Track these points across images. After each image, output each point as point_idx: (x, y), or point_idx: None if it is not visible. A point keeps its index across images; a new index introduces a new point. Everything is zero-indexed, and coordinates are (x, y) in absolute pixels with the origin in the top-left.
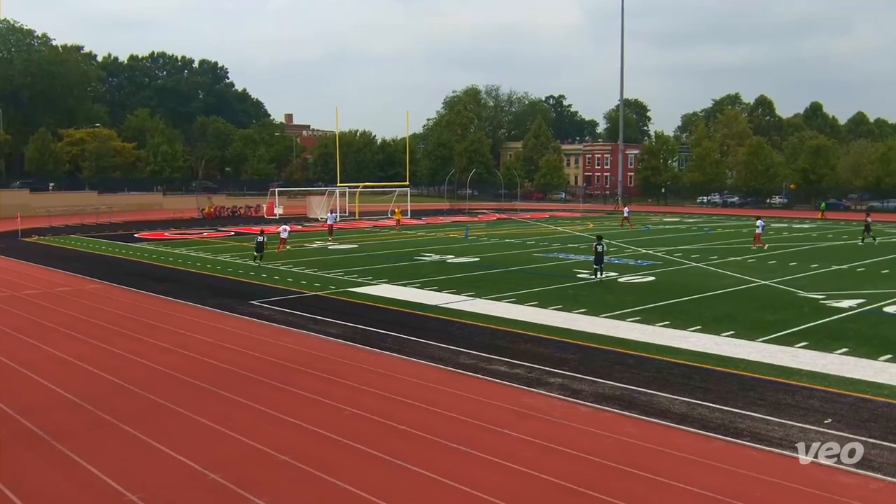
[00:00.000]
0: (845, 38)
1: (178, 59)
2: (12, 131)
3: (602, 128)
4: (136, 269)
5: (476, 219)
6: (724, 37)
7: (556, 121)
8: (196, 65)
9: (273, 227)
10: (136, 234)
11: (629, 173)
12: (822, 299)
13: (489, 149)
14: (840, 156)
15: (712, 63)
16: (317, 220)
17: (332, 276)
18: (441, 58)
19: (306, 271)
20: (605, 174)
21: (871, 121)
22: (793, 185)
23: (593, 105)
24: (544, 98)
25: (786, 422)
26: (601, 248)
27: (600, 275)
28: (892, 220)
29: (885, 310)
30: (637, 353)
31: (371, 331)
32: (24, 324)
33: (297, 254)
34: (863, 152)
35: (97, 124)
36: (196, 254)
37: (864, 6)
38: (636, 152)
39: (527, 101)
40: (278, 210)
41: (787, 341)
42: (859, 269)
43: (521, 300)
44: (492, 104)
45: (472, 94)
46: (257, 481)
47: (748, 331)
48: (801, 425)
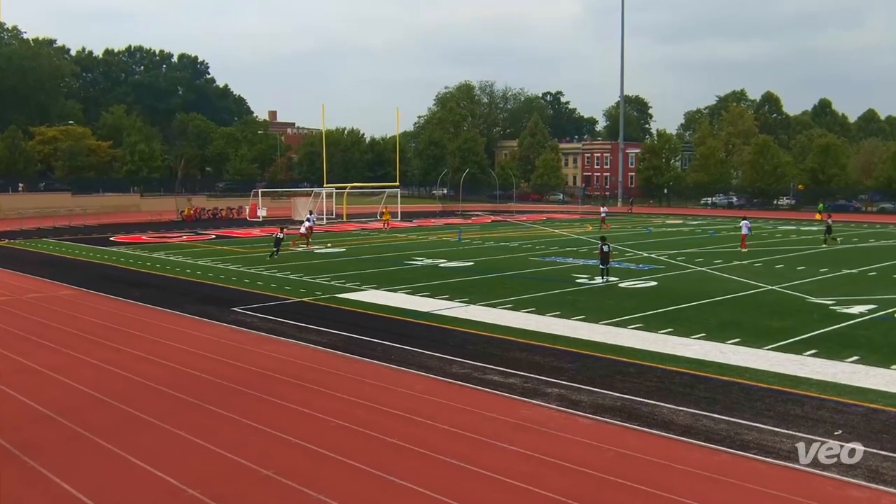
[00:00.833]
0: (856, 33)
1: (156, 53)
2: None
3: (602, 126)
4: (111, 274)
5: (470, 221)
6: (728, 31)
7: (553, 118)
8: (175, 59)
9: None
10: (111, 238)
11: (630, 173)
12: (832, 305)
13: (483, 148)
14: (850, 155)
15: (716, 58)
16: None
17: (318, 281)
18: (433, 52)
19: (291, 276)
20: (605, 174)
21: (882, 118)
22: (801, 186)
23: (592, 102)
24: (541, 94)
25: (794, 433)
26: (607, 249)
27: (606, 276)
28: None
29: None
30: (638, 362)
31: (359, 339)
32: None
33: (282, 258)
34: (874, 151)
35: (70, 122)
36: (175, 258)
37: None
38: (637, 151)
39: (523, 98)
40: (261, 212)
41: (796, 349)
42: (871, 274)
43: (516, 306)
44: (486, 101)
45: (465, 91)
46: (240, 497)
47: (754, 338)
48: (810, 437)
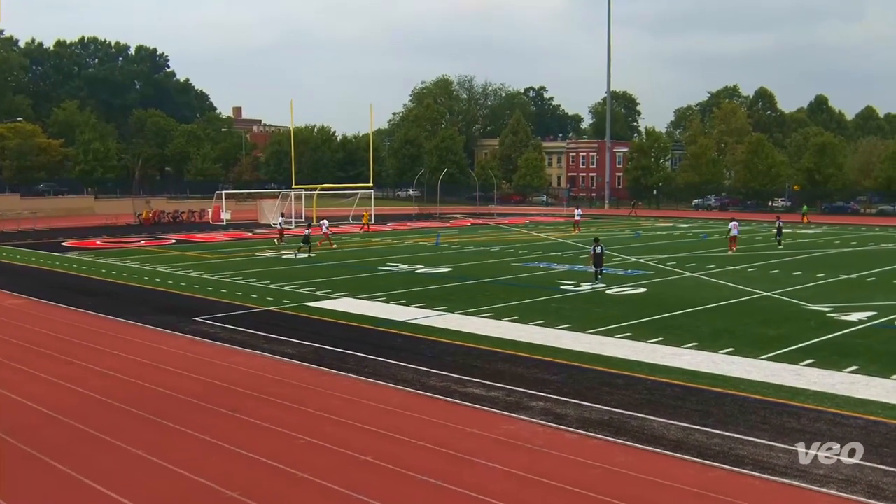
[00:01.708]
0: (856, 26)
1: (112, 44)
2: None
3: (587, 123)
4: (63, 282)
5: (448, 224)
6: (721, 23)
7: (536, 115)
8: (132, 51)
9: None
10: (63, 243)
11: (617, 173)
12: (830, 312)
13: (462, 146)
14: (847, 154)
15: (708, 52)
16: (269, 226)
17: (286, 288)
18: (409, 44)
19: (257, 284)
20: (591, 174)
21: (881, 116)
22: (796, 187)
23: (578, 98)
24: (523, 90)
25: (791, 448)
26: (599, 250)
27: (599, 277)
28: None
29: None
30: (627, 373)
31: (330, 350)
32: None
33: (248, 263)
34: (872, 150)
35: (19, 119)
36: (133, 265)
37: None
38: (625, 150)
39: (504, 94)
40: (225, 215)
41: (792, 359)
42: (869, 279)
43: (498, 315)
44: (465, 97)
45: (443, 86)
46: None
47: (749, 347)
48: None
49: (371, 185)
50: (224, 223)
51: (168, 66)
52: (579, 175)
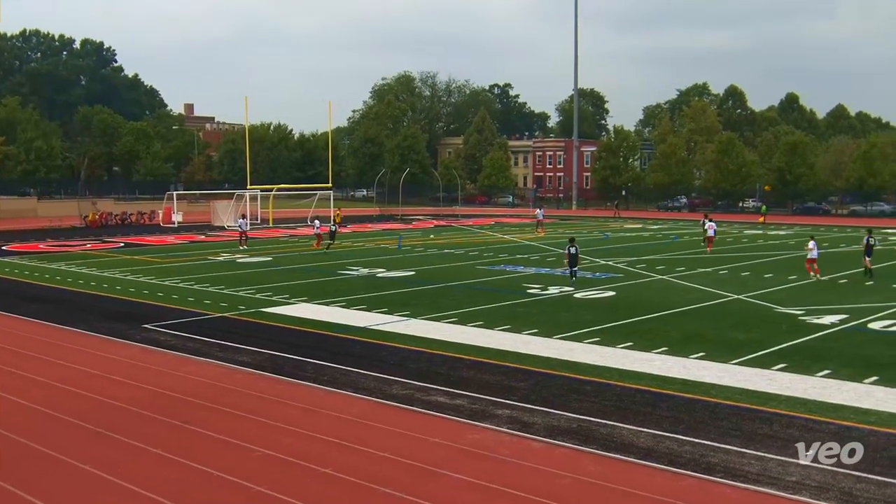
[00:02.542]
0: (827, 23)
1: (56, 38)
2: None
3: (554, 121)
4: (4, 288)
5: (411, 226)
6: (691, 19)
7: (501, 113)
8: (77, 45)
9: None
10: (4, 247)
11: (585, 173)
12: (802, 315)
13: (425, 145)
14: (819, 154)
15: (678, 49)
16: (224, 228)
17: (241, 294)
18: (369, 39)
19: (211, 289)
20: (558, 174)
21: (853, 114)
22: (767, 187)
23: (544, 95)
24: (488, 87)
25: (763, 454)
26: (574, 251)
27: (574, 279)
28: (877, 226)
29: (871, 326)
30: (596, 379)
31: (288, 358)
32: None
33: (201, 268)
34: (843, 150)
35: None
36: (79, 269)
37: None
38: (593, 150)
39: (468, 91)
40: (177, 217)
41: (764, 363)
42: (842, 281)
43: (463, 320)
44: (428, 93)
45: (404, 82)
46: None
47: (720, 352)
48: (779, 458)
49: (330, 185)
50: (175, 225)
51: (115, 61)
52: (546, 175)
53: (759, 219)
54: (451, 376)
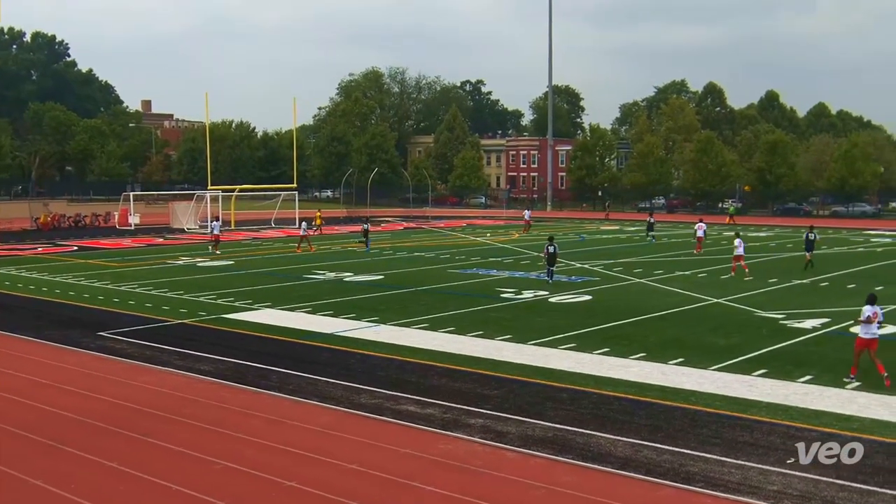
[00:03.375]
0: (806, 19)
1: (5, 31)
2: None
3: (528, 119)
4: None
5: (380, 228)
6: (669, 14)
7: (473, 111)
8: (28, 38)
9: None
10: None
11: (560, 173)
12: (782, 319)
13: (394, 144)
14: (799, 153)
15: (655, 45)
16: (183, 231)
17: (202, 299)
18: (336, 34)
19: (170, 294)
20: (532, 174)
21: (833, 113)
22: (747, 188)
23: (518, 92)
24: (459, 83)
25: (743, 463)
26: (553, 249)
27: (552, 278)
28: (858, 228)
29: (853, 330)
30: (572, 387)
31: (251, 366)
32: None
33: (159, 273)
34: (824, 149)
35: None
36: (29, 274)
37: None
38: (568, 149)
39: (439, 87)
40: (133, 219)
41: (744, 369)
42: (823, 284)
43: (434, 326)
44: (397, 90)
45: (372, 78)
46: None
47: (699, 357)
48: (760, 466)
49: (295, 185)
50: (132, 228)
51: (69, 55)
52: (520, 175)
53: (726, 219)
54: (422, 384)
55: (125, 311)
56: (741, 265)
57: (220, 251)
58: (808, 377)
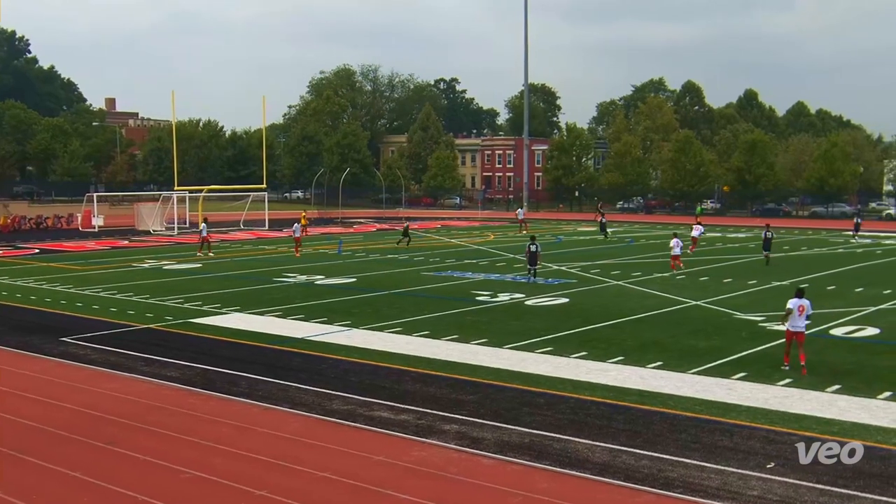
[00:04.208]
0: (785, 15)
1: None
2: None
3: (504, 118)
4: None
5: (351, 230)
6: (646, 11)
7: (448, 109)
8: None
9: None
10: None
11: (536, 173)
12: (762, 322)
13: (366, 143)
14: (778, 153)
15: (633, 42)
16: (149, 233)
17: (168, 303)
18: (306, 30)
19: (135, 298)
20: (508, 174)
21: (813, 112)
22: (726, 188)
23: (493, 91)
24: (433, 81)
25: (723, 468)
26: (535, 248)
27: (534, 277)
28: (839, 228)
29: (832, 332)
30: (549, 391)
31: (219, 372)
32: None
33: (124, 276)
34: (804, 149)
35: None
36: None
37: None
38: (544, 148)
39: (412, 85)
40: (97, 221)
41: (723, 372)
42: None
43: (407, 330)
44: (369, 88)
45: (344, 76)
46: None
47: (678, 361)
48: (740, 471)
49: (265, 185)
50: (96, 230)
51: (29, 52)
52: (495, 175)
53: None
54: (396, 390)
55: (89, 315)
56: (678, 264)
57: (213, 252)
58: (787, 380)
